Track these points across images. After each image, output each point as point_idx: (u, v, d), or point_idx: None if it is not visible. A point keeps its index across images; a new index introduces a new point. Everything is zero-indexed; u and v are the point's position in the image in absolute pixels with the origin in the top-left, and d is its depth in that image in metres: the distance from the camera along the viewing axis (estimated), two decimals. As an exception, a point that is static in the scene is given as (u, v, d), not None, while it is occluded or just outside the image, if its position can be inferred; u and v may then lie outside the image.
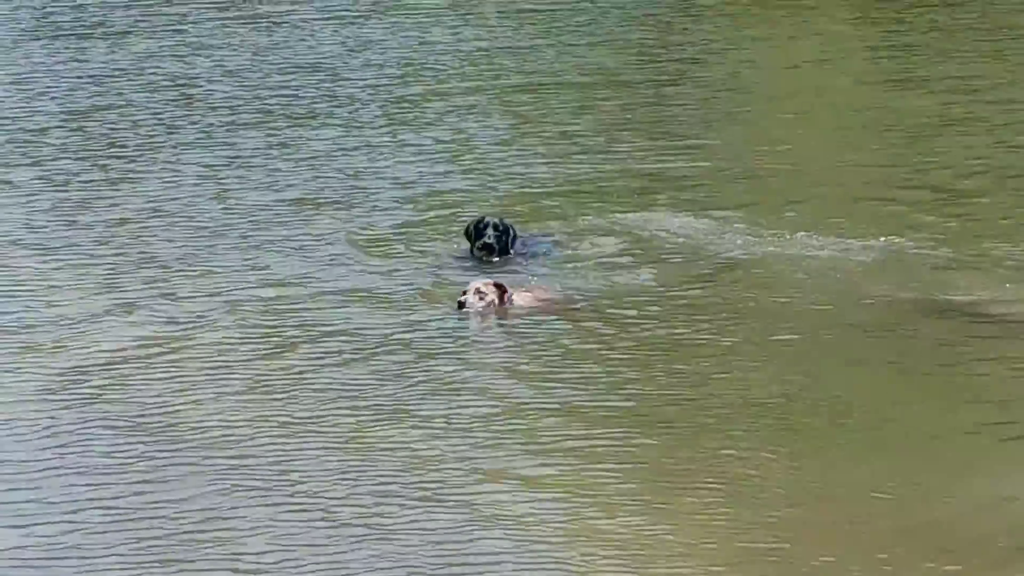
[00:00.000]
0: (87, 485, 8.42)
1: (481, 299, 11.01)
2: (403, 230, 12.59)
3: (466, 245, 12.12)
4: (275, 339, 10.38)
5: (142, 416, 9.24)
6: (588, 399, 9.47)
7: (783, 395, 9.42)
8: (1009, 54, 17.69)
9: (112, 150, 14.73)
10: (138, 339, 10.31)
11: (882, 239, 11.82)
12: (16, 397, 9.58)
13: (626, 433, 8.92)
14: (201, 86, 16.91)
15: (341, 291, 11.28)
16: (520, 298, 11.22)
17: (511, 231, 12.14)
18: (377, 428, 9.06)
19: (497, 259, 11.99)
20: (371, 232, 12.51)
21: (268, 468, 8.58)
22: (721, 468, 8.45)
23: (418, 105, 16.19)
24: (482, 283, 11.23)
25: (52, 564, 7.72)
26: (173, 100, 16.37)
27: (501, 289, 11.17)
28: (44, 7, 20.42)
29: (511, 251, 12.11)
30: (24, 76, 17.35)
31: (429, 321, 10.77)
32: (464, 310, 10.95)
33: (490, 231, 11.94)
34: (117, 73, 17.36)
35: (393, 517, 7.98)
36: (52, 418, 9.24)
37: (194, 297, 11.13)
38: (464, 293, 11.09)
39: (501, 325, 10.88)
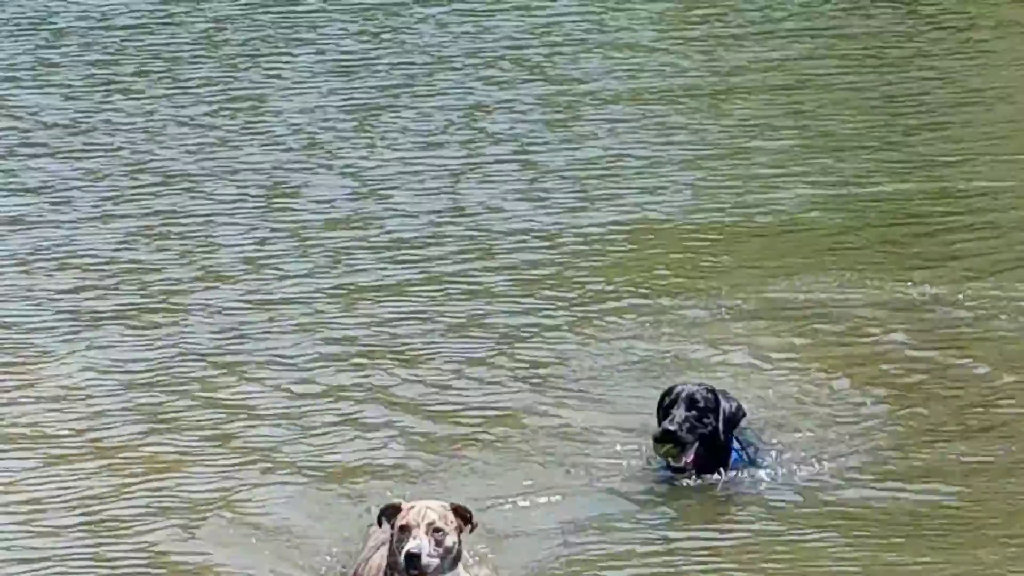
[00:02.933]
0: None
1: (438, 543, 6.55)
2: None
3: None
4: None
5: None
6: None
7: None
8: None
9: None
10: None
11: None
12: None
13: None
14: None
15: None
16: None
17: (724, 407, 7.73)
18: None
19: (690, 465, 7.65)
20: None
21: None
22: None
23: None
24: (435, 508, 6.67)
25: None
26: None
27: (465, 518, 6.74)
28: None
29: (730, 450, 7.70)
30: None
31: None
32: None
33: (678, 411, 7.73)
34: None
35: None
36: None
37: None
38: (405, 531, 6.57)
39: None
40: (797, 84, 15.63)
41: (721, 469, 7.70)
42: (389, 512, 6.71)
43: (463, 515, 6.71)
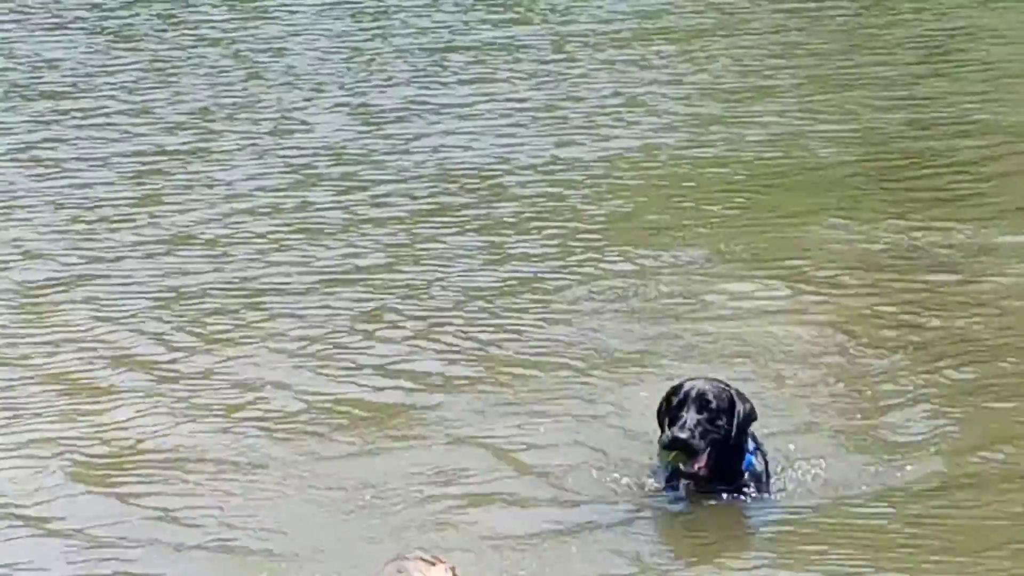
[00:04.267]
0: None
1: None
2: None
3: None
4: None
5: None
6: None
7: None
8: None
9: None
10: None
11: None
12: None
13: None
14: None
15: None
16: None
17: (739, 410, 6.89)
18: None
19: (703, 471, 6.82)
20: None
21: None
22: None
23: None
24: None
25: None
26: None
27: None
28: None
29: (743, 451, 6.92)
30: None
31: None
32: None
33: (689, 414, 6.87)
34: None
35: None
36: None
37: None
38: None
39: None
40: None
41: (733, 483, 6.93)
42: None
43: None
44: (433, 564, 5.61)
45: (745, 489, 6.87)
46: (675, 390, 6.85)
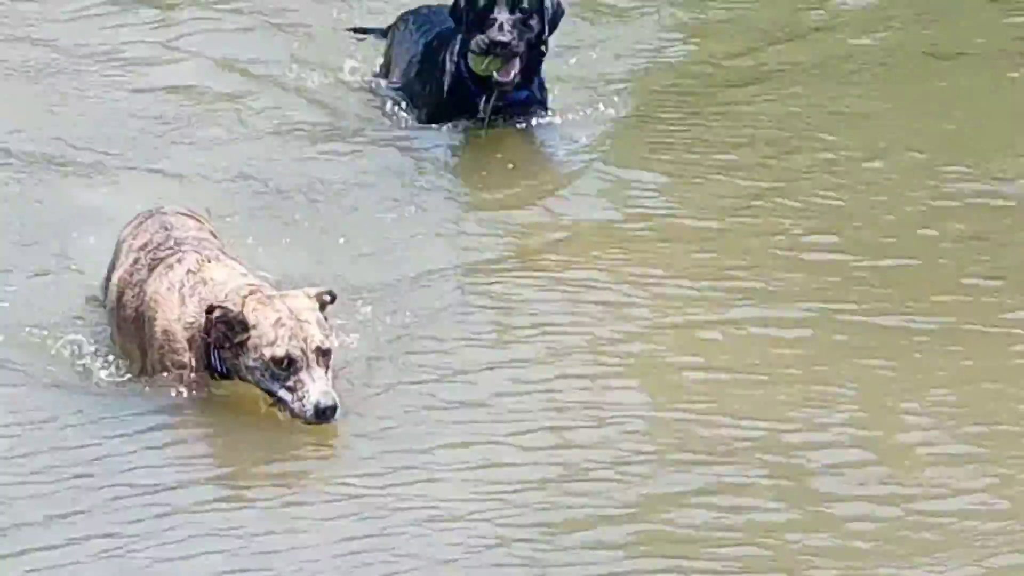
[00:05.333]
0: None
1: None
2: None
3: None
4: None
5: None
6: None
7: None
8: None
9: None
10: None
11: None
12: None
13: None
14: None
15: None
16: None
17: (548, 3, 6.86)
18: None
19: (517, 78, 6.76)
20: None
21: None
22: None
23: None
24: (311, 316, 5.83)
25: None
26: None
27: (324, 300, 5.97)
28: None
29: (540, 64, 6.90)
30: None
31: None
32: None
33: (502, 15, 6.57)
34: None
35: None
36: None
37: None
38: (291, 367, 5.76)
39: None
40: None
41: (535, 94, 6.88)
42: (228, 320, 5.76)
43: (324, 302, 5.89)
44: (192, 217, 6.23)
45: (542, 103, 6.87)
46: None
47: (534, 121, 6.93)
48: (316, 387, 5.63)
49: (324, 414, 5.65)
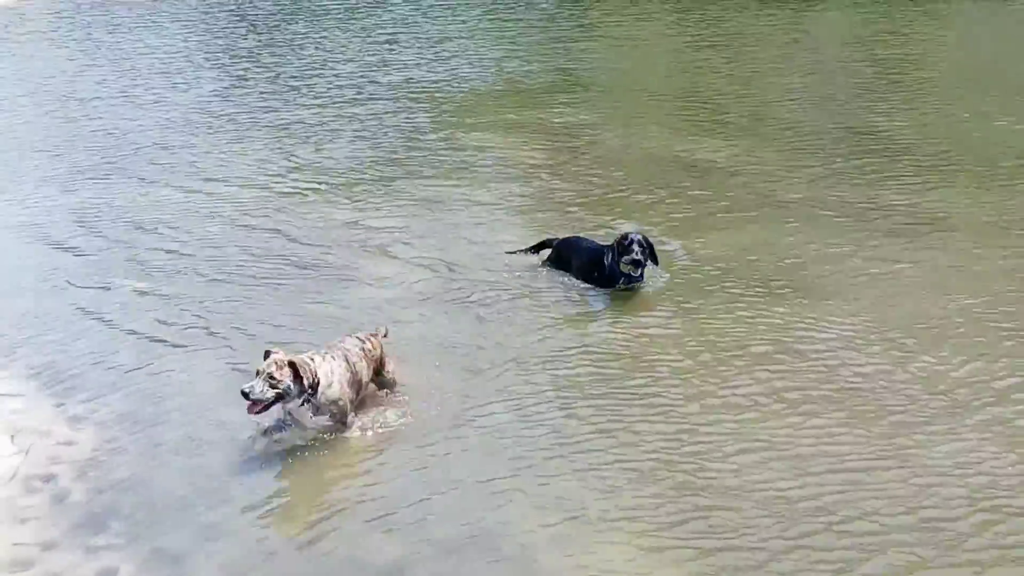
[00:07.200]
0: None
1: (273, 386, 7.59)
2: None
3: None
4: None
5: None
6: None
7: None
8: None
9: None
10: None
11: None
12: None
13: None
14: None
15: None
16: (335, 386, 7.86)
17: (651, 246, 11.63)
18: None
19: (643, 275, 11.51)
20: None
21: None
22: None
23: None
24: (275, 357, 7.72)
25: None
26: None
27: (294, 369, 7.68)
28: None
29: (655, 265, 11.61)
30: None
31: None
32: (256, 409, 7.53)
33: (636, 248, 11.45)
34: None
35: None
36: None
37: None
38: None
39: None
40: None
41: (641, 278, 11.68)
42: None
43: (293, 366, 7.76)
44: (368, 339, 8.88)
45: (641, 279, 11.78)
46: (624, 236, 11.61)
47: (640, 286, 11.54)
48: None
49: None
